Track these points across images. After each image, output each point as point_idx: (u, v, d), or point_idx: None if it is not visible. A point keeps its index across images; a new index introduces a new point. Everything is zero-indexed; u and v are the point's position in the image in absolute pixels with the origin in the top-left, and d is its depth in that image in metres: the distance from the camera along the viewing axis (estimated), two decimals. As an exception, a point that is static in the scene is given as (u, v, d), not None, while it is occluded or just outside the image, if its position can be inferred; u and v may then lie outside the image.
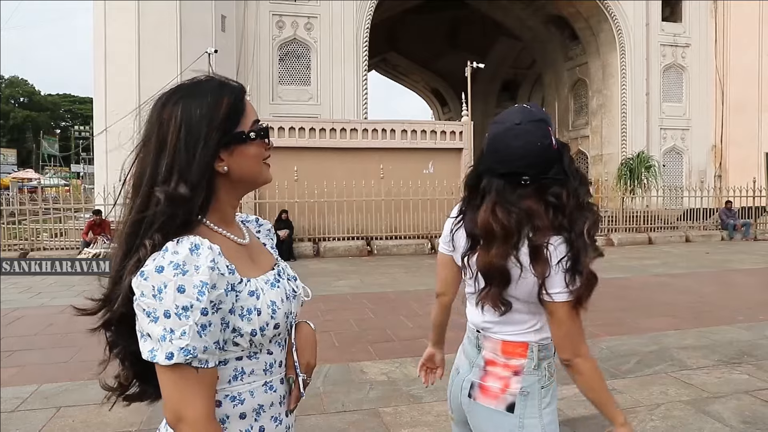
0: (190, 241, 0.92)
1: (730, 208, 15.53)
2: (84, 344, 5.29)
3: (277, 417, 1.07)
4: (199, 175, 0.98)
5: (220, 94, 1.03)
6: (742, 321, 5.79)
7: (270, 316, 1.01)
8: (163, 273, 0.89)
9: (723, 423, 3.31)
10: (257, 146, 1.06)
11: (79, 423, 3.44)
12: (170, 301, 0.88)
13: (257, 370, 1.03)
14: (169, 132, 0.98)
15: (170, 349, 0.88)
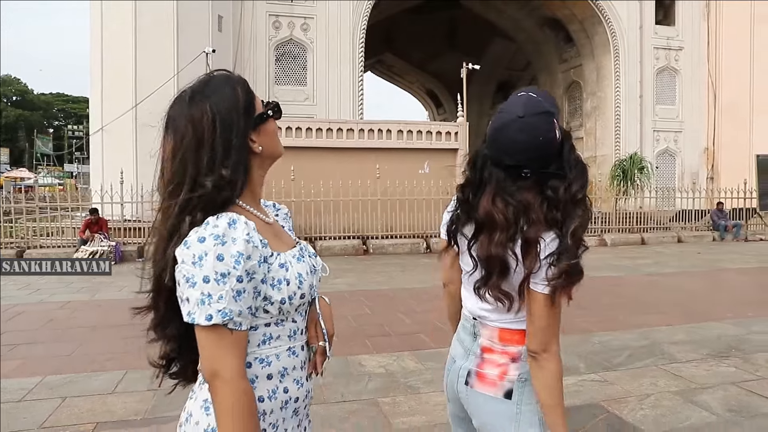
0: (228, 217, 1.04)
1: (721, 209, 15.72)
2: (86, 338, 5.38)
3: (299, 380, 1.18)
4: (239, 160, 1.10)
5: (233, 85, 1.15)
6: (730, 317, 5.93)
7: (297, 286, 1.13)
8: (204, 243, 1.00)
9: (710, 411, 3.43)
10: (272, 123, 1.19)
11: (85, 412, 3.52)
12: (210, 268, 0.99)
13: (283, 336, 1.14)
14: (205, 128, 1.08)
15: (209, 312, 0.99)
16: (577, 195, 1.35)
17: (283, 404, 1.14)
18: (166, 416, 3.42)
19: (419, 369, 4.32)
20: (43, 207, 13.97)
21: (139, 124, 15.76)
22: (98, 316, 6.43)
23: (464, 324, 1.57)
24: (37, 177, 28.76)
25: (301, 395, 1.19)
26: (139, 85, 15.76)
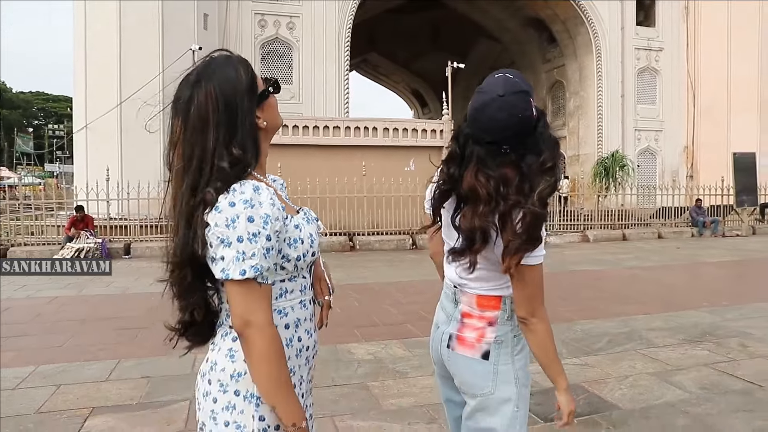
0: (251, 184, 1.14)
1: (699, 206, 16.07)
2: (76, 331, 5.43)
3: (309, 330, 1.31)
4: (249, 137, 1.21)
5: (235, 66, 1.24)
6: (706, 306, 6.14)
7: (310, 245, 1.25)
8: (234, 207, 1.10)
9: (684, 390, 3.60)
10: (273, 98, 1.30)
11: (80, 397, 3.59)
12: (242, 229, 1.09)
13: (296, 290, 1.27)
14: (210, 109, 1.17)
15: (243, 267, 1.10)
16: (545, 164, 1.42)
17: (298, 352, 1.27)
18: (161, 401, 3.52)
19: (407, 356, 4.44)
20: (27, 205, 13.85)
21: (124, 122, 15.72)
22: (87, 310, 6.47)
23: (446, 292, 1.68)
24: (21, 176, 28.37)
25: (311, 344, 1.31)
26: (124, 83, 15.70)
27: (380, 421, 3.17)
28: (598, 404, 3.38)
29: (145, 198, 12.18)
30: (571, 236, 14.17)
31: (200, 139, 1.17)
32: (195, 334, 1.29)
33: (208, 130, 1.17)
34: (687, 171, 24.75)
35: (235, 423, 1.19)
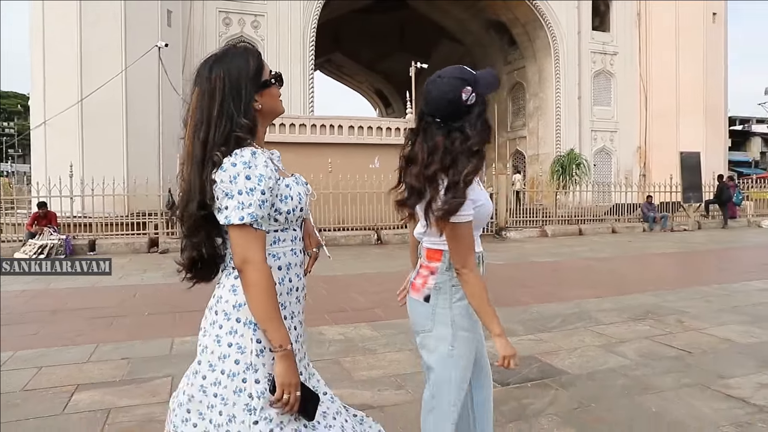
0: (250, 150, 1.43)
1: (650, 202, 16.84)
2: (49, 320, 5.53)
3: (298, 274, 1.59)
4: (249, 113, 1.48)
5: (247, 57, 1.53)
6: (651, 290, 6.62)
7: (298, 202, 1.53)
8: (236, 167, 1.39)
9: (625, 357, 3.99)
10: (275, 88, 1.58)
11: (64, 377, 3.75)
12: (242, 184, 1.38)
13: (287, 239, 1.54)
14: (217, 87, 1.46)
15: (242, 214, 1.38)
16: (473, 147, 1.71)
17: (289, 290, 1.55)
18: (143, 377, 3.71)
19: (375, 336, 4.72)
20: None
21: (86, 118, 15.51)
22: (56, 302, 6.51)
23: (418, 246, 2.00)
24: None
25: (300, 286, 1.60)
26: (85, 79, 15.45)
27: (352, 389, 3.44)
28: (550, 371, 3.73)
29: (110, 195, 12.13)
30: (530, 231, 14.70)
31: (208, 109, 1.46)
32: (200, 272, 1.56)
33: (215, 103, 1.46)
34: (640, 170, 25.73)
35: (237, 344, 1.47)
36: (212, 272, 1.57)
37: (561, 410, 3.06)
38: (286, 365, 1.42)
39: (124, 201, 13.34)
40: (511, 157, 27.23)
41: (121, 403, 3.23)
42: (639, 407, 3.11)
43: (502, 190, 14.75)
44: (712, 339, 4.48)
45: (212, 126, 1.44)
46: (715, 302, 5.92)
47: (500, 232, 14.19)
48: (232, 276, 1.50)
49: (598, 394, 3.30)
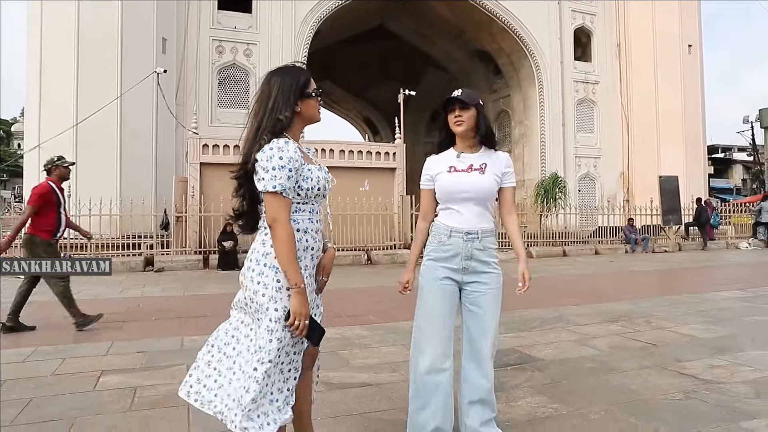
0: (283, 139, 1.93)
1: (632, 224, 17.43)
2: (60, 324, 5.85)
3: (314, 237, 2.06)
4: (288, 111, 1.98)
5: (297, 72, 2.06)
6: (626, 299, 7.08)
7: (316, 182, 2.01)
8: (272, 150, 1.89)
9: (596, 349, 4.42)
10: (315, 101, 2.08)
11: (87, 365, 4.10)
12: (276, 162, 1.87)
13: (306, 211, 2.03)
14: (272, 91, 2.00)
15: (274, 183, 1.86)
16: None
17: (305, 248, 2.03)
18: (160, 365, 4.08)
19: (370, 335, 5.12)
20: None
21: (80, 142, 15.85)
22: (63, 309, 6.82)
23: None
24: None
25: (316, 246, 2.07)
26: (81, 102, 15.87)
27: (352, 373, 3.84)
28: (527, 359, 4.15)
29: (106, 215, 12.47)
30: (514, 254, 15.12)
31: (262, 105, 2.00)
32: (243, 225, 2.08)
33: (268, 101, 1.99)
34: (624, 195, 26.42)
35: (263, 283, 1.96)
36: (251, 227, 2.08)
37: (535, 384, 3.48)
38: (299, 299, 1.90)
39: (117, 222, 13.64)
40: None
41: (145, 384, 3.60)
42: (603, 382, 3.54)
43: (488, 212, 15.22)
44: (676, 335, 4.92)
45: (264, 116, 1.97)
46: (683, 308, 6.38)
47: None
48: (263, 233, 2.01)
49: (568, 374, 3.73)
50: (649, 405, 3.11)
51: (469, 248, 2.43)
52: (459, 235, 2.42)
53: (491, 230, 2.51)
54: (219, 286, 9.13)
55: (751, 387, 3.38)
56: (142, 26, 17.01)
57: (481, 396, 2.41)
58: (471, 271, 2.46)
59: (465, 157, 2.47)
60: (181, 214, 12.92)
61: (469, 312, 2.47)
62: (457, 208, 2.40)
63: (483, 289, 2.48)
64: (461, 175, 2.42)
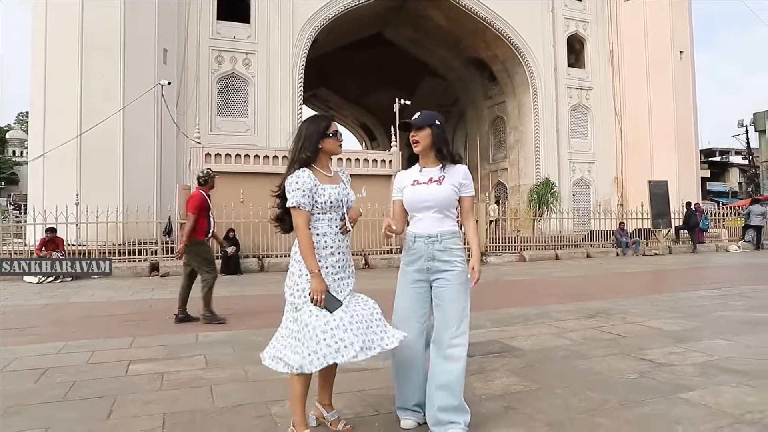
0: (303, 169, 2.51)
1: (623, 228, 17.95)
2: (82, 324, 6.35)
3: (333, 238, 2.64)
4: (313, 148, 2.58)
5: (322, 120, 2.67)
6: (607, 298, 7.60)
7: (328, 198, 2.57)
8: (291, 178, 2.49)
9: (570, 340, 4.93)
10: (334, 139, 2.67)
11: (116, 356, 4.59)
12: (294, 186, 2.45)
13: (324, 219, 2.60)
14: (302, 134, 2.61)
15: (293, 201, 2.44)
16: None
17: (324, 247, 2.59)
18: (181, 356, 4.58)
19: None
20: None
21: (84, 150, 16.29)
22: (82, 310, 7.34)
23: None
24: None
25: (335, 245, 2.64)
26: (84, 114, 16.29)
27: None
28: (508, 348, 4.65)
29: (112, 222, 12.98)
30: (509, 256, 15.68)
31: (295, 145, 2.63)
32: (282, 227, 2.71)
33: (298, 142, 2.62)
34: (618, 199, 26.93)
35: (294, 273, 2.60)
36: (288, 229, 2.70)
37: (512, 368, 3.99)
38: (316, 281, 2.54)
39: (120, 229, 14.12)
40: (493, 188, 28.41)
41: (170, 370, 4.09)
42: (571, 366, 4.04)
43: (481, 218, 15.76)
44: (645, 328, 5.43)
45: (295, 153, 2.63)
46: (659, 305, 6.89)
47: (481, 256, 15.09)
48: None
49: (542, 360, 4.23)
50: (606, 383, 3.61)
51: (430, 250, 2.80)
52: (421, 239, 2.82)
53: (452, 233, 2.84)
54: (224, 290, 9.58)
55: (697, 368, 3.89)
56: (144, 38, 17.53)
57: (443, 382, 2.73)
58: (435, 270, 2.81)
59: (426, 171, 2.88)
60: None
61: (436, 305, 2.85)
62: (419, 216, 2.85)
63: (445, 285, 2.79)
64: (422, 187, 2.83)
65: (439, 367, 2.76)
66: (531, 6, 25.43)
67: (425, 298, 2.86)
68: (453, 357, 2.74)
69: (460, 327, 2.77)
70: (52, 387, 3.70)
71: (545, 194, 18.76)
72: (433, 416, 2.74)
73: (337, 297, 2.62)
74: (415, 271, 2.85)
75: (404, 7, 25.15)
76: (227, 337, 5.35)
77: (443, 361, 2.76)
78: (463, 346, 2.77)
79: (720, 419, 2.91)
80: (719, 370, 3.83)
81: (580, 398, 3.30)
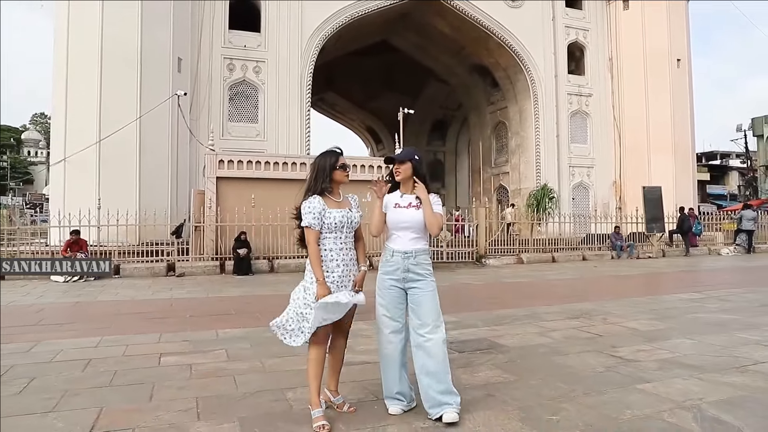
0: (315, 196, 3.12)
1: (618, 232, 18.50)
2: (111, 321, 6.95)
3: (339, 252, 3.22)
4: (325, 178, 3.19)
5: (332, 156, 3.29)
6: (593, 300, 8.16)
7: (333, 220, 3.16)
8: (306, 202, 3.10)
9: (552, 338, 5.50)
10: (342, 171, 3.28)
11: (147, 350, 5.19)
12: (307, 210, 3.08)
13: (331, 237, 3.19)
14: (316, 168, 3.22)
15: (306, 222, 3.06)
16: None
17: (331, 260, 3.16)
18: (205, 350, 5.16)
19: (369, 328, 6.17)
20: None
21: (103, 156, 16.97)
22: (110, 308, 7.92)
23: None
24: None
25: (340, 259, 3.21)
26: (103, 121, 16.98)
27: (353, 355, 4.91)
28: (495, 345, 5.23)
29: (132, 224, 13.61)
30: (508, 259, 16.24)
31: (309, 176, 3.22)
32: (302, 244, 3.25)
33: (314, 173, 3.20)
34: (617, 203, 27.51)
35: (306, 280, 3.18)
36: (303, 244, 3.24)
37: (495, 363, 4.57)
38: (320, 288, 3.11)
39: (137, 231, 14.75)
40: (495, 191, 29.00)
41: (196, 362, 4.69)
42: (549, 361, 4.62)
43: (481, 222, 16.35)
44: (622, 328, 6.00)
45: (310, 183, 3.22)
46: (640, 307, 7.46)
47: (480, 259, 15.72)
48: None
49: (524, 356, 4.81)
50: (577, 375, 4.19)
51: (406, 264, 3.38)
52: (399, 254, 3.40)
53: (424, 251, 3.44)
54: (237, 289, 10.22)
55: (658, 364, 4.46)
56: (159, 48, 18.19)
57: (429, 370, 3.29)
58: (409, 280, 3.39)
59: (406, 197, 3.45)
60: (200, 224, 14.02)
61: (412, 309, 3.43)
62: (398, 234, 3.44)
63: (419, 292, 3.38)
64: (402, 210, 3.41)
65: (423, 359, 3.33)
66: (533, 15, 26.05)
67: (401, 300, 3.43)
68: (431, 349, 3.30)
69: (435, 323, 3.34)
70: (98, 375, 4.30)
71: (542, 199, 19.30)
72: (430, 399, 3.28)
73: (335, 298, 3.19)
74: (391, 279, 3.41)
75: (409, 15, 25.78)
76: (244, 334, 5.94)
77: (424, 353, 3.32)
78: (438, 339, 3.32)
79: (664, 404, 3.48)
80: (677, 365, 4.40)
81: (550, 388, 3.87)
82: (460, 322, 6.48)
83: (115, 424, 3.24)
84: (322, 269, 3.15)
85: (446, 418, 3.18)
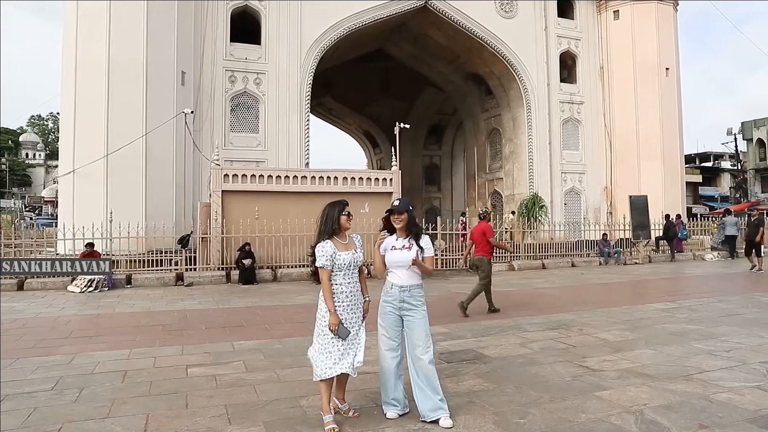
0: (326, 241, 3.84)
1: (605, 239, 19.27)
2: (135, 332, 7.64)
3: (347, 287, 3.97)
4: (333, 224, 3.92)
5: (339, 206, 4.02)
6: (573, 311, 8.89)
7: (343, 261, 3.89)
8: (318, 246, 3.86)
9: (530, 349, 6.24)
10: (346, 217, 4.00)
11: (173, 361, 5.90)
12: (320, 252, 3.83)
13: (340, 275, 3.93)
14: (326, 215, 3.95)
15: (320, 263, 3.81)
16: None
17: (341, 292, 3.91)
18: (225, 362, 5.88)
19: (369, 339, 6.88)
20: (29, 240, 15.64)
21: (111, 168, 17.64)
22: (131, 320, 8.63)
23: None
24: None
25: (348, 290, 3.96)
26: (111, 135, 17.62)
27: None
28: (479, 356, 5.95)
29: (134, 237, 14.31)
30: (499, 266, 16.96)
31: (321, 220, 3.94)
32: (315, 279, 4.00)
33: (323, 220, 3.93)
34: (607, 208, 28.29)
35: (320, 310, 3.93)
36: (317, 280, 3.94)
37: (478, 372, 5.30)
38: (332, 318, 3.83)
39: (143, 241, 15.45)
40: (489, 196, 29.76)
41: (219, 373, 5.41)
42: (524, 371, 5.35)
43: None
44: (595, 339, 6.73)
45: (321, 228, 3.92)
46: (614, 318, 8.20)
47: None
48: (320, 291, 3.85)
49: (504, 366, 5.54)
50: (546, 384, 4.91)
51: (402, 296, 4.14)
52: (396, 287, 4.17)
53: (418, 285, 4.20)
54: (244, 300, 10.93)
55: (618, 373, 5.19)
56: (164, 62, 18.86)
57: (425, 383, 4.04)
58: (405, 309, 4.15)
59: (401, 241, 4.18)
60: (206, 235, 14.73)
61: (406, 332, 4.19)
62: (396, 272, 4.19)
63: (412, 319, 4.13)
64: (398, 252, 4.16)
65: (419, 373, 4.08)
66: (525, 25, 26.80)
67: (398, 324, 4.18)
68: (423, 366, 4.07)
69: (426, 344, 4.10)
70: (137, 385, 5.01)
71: (533, 208, 20.06)
72: (429, 406, 4.01)
73: (347, 328, 3.92)
74: (390, 306, 4.17)
75: (405, 25, 26.50)
76: (257, 346, 6.66)
77: (419, 369, 4.08)
78: (427, 359, 4.08)
79: (614, 409, 4.21)
80: (633, 375, 5.14)
81: (522, 395, 4.60)
82: (450, 333, 7.21)
83: (164, 428, 3.96)
84: (333, 301, 3.87)
85: (443, 423, 3.92)
